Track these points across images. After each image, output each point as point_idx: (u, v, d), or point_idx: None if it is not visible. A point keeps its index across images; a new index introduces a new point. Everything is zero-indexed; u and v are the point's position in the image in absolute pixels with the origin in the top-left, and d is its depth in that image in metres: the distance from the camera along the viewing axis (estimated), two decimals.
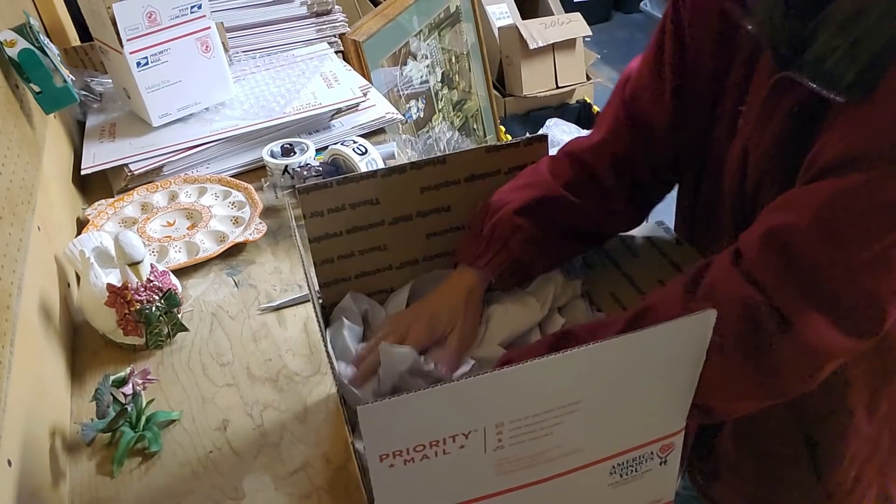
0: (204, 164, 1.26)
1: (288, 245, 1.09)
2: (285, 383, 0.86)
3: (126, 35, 1.20)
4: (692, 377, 0.56)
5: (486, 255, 0.78)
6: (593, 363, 0.52)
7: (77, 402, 0.86)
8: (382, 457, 0.51)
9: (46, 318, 0.86)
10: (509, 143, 0.81)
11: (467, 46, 2.39)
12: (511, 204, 0.77)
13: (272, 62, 1.49)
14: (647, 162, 0.80)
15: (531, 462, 0.56)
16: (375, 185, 0.78)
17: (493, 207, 0.79)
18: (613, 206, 0.80)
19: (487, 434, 0.53)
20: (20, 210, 0.88)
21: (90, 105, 1.39)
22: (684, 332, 0.53)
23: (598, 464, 0.59)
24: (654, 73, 0.77)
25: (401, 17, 2.00)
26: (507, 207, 0.77)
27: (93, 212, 1.14)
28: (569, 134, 2.92)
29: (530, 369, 0.50)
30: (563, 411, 0.54)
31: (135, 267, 0.87)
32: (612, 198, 0.80)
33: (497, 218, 0.77)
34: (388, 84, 1.98)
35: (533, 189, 0.78)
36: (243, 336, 0.93)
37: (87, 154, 1.24)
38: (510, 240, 0.77)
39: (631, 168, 0.80)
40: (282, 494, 0.73)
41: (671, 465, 0.62)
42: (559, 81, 3.02)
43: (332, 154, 1.12)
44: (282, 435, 0.79)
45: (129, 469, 0.77)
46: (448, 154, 0.80)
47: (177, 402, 0.84)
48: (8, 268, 0.78)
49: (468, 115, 2.45)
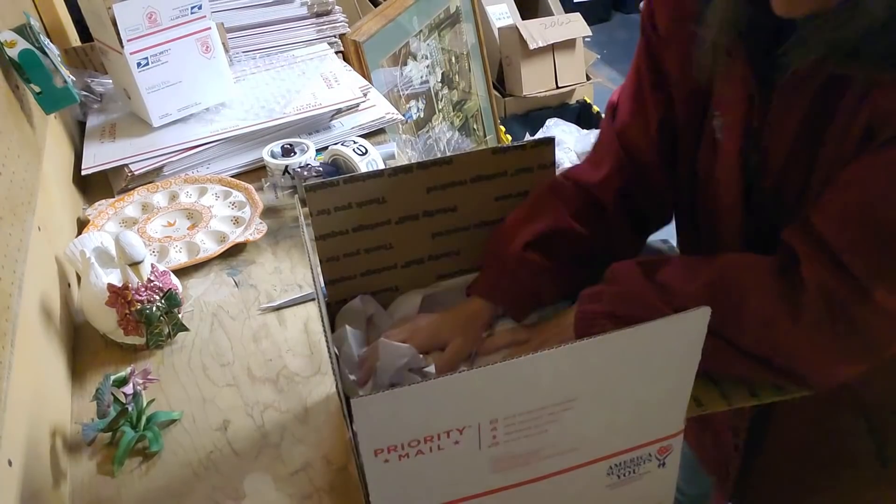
0: (204, 165, 1.27)
1: (288, 245, 1.09)
2: (286, 384, 0.86)
3: (126, 35, 1.20)
4: (689, 377, 0.57)
5: (497, 287, 0.80)
6: (587, 360, 0.53)
7: (78, 402, 0.86)
8: (377, 451, 0.51)
9: (47, 318, 0.87)
10: (516, 144, 0.82)
11: (467, 47, 2.39)
12: (521, 237, 0.79)
13: (272, 62, 1.49)
14: (648, 194, 0.82)
15: (526, 460, 0.56)
16: (382, 185, 0.79)
17: (504, 239, 0.80)
18: (619, 234, 0.82)
19: (482, 430, 0.53)
20: (20, 210, 0.88)
21: (90, 105, 1.40)
22: (679, 329, 0.53)
23: (594, 463, 0.59)
24: (637, 108, 0.80)
25: (401, 17, 2.01)
26: (518, 240, 0.79)
27: (93, 212, 1.14)
28: (569, 134, 2.92)
29: (524, 365, 0.50)
30: (559, 408, 0.54)
31: (135, 267, 0.87)
32: (618, 227, 0.82)
33: (507, 251, 0.79)
34: (388, 84, 1.98)
35: (543, 220, 0.80)
36: (244, 336, 0.93)
37: (88, 154, 1.24)
38: (520, 271, 0.78)
39: (634, 199, 0.82)
40: (282, 495, 0.73)
41: (670, 468, 0.62)
42: (559, 81, 3.02)
43: (332, 154, 1.13)
44: (282, 435, 0.79)
45: (129, 469, 0.77)
46: (454, 154, 0.81)
47: (177, 402, 0.84)
48: (8, 268, 0.78)
49: (468, 116, 2.45)
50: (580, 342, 0.51)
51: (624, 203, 0.81)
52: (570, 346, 0.51)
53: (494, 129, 2.57)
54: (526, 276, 0.79)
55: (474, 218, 0.84)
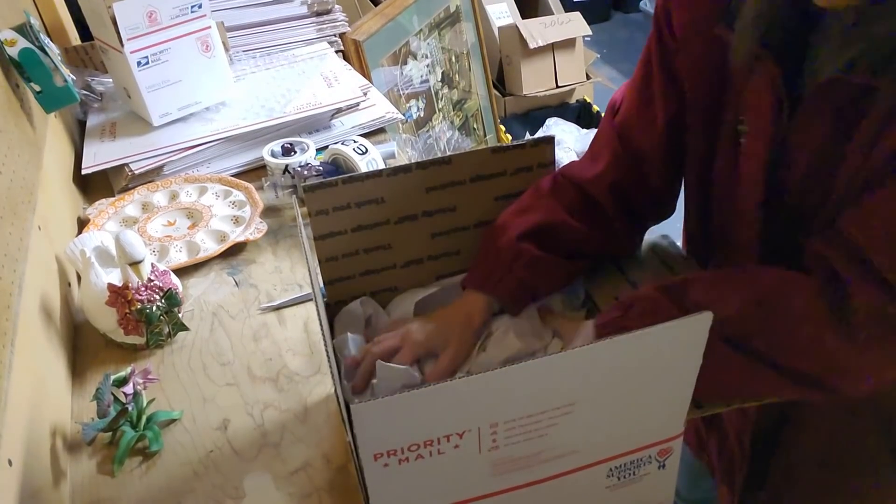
0: (204, 164, 1.27)
1: (288, 244, 1.09)
2: (286, 383, 0.86)
3: (126, 34, 1.20)
4: (689, 381, 0.57)
5: (491, 278, 0.79)
6: (587, 365, 0.53)
7: (78, 402, 0.86)
8: (377, 456, 0.51)
9: (47, 317, 0.87)
10: (515, 144, 0.81)
11: (467, 46, 2.39)
12: (514, 228, 0.78)
13: (272, 61, 1.49)
14: (645, 190, 0.82)
15: (527, 463, 0.57)
16: (381, 185, 0.78)
17: (498, 232, 0.80)
18: (614, 231, 0.82)
19: (482, 434, 0.53)
20: (20, 210, 0.88)
21: (91, 104, 1.39)
22: (679, 333, 0.53)
23: (594, 466, 0.59)
24: (643, 104, 0.79)
25: (401, 16, 2.01)
26: (511, 232, 0.78)
27: (93, 211, 1.14)
28: (569, 133, 2.92)
29: (524, 370, 0.50)
30: (558, 412, 0.54)
31: (135, 266, 0.87)
32: (613, 223, 0.82)
33: (501, 242, 0.78)
34: (388, 83, 1.98)
35: (536, 213, 0.79)
36: (244, 336, 0.93)
37: (88, 153, 1.24)
38: (514, 263, 0.78)
39: (630, 197, 0.82)
40: (282, 494, 0.73)
41: (670, 470, 0.63)
42: (559, 81, 3.02)
43: (332, 153, 1.13)
44: (282, 435, 0.80)
45: (129, 468, 0.77)
46: (454, 154, 0.80)
47: (177, 401, 0.84)
48: (8, 267, 0.78)
49: (468, 115, 2.45)
50: (580, 348, 0.51)
51: (618, 199, 0.81)
52: (570, 351, 0.51)
53: (494, 128, 2.57)
54: (520, 267, 0.77)
55: (474, 218, 0.84)
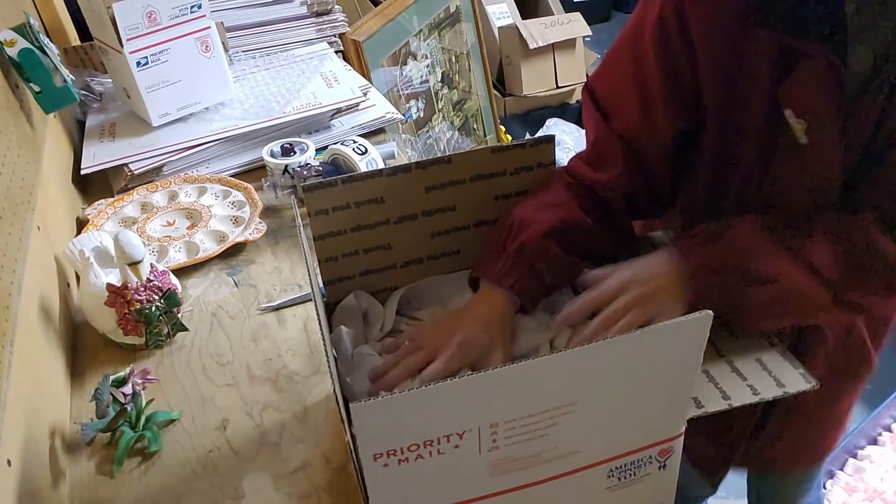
0: (204, 164, 1.26)
1: (288, 245, 1.09)
2: (285, 383, 0.86)
3: (126, 35, 1.20)
4: (689, 380, 0.57)
5: (512, 275, 0.76)
6: (587, 364, 0.52)
7: (77, 402, 0.86)
8: (376, 455, 0.51)
9: (46, 318, 0.87)
10: (515, 143, 0.81)
11: (467, 46, 2.39)
12: (538, 225, 0.77)
13: (272, 62, 1.49)
14: (650, 193, 0.83)
15: (527, 463, 0.56)
16: (381, 184, 0.78)
17: (518, 226, 0.78)
18: (619, 228, 0.83)
19: (482, 434, 0.53)
20: (20, 210, 0.88)
21: (90, 105, 1.39)
22: (680, 333, 0.53)
23: (595, 466, 0.59)
24: (642, 111, 0.78)
25: (401, 16, 2.01)
26: (535, 228, 0.76)
27: (92, 211, 1.14)
28: (569, 134, 2.92)
29: (524, 369, 0.50)
30: (559, 412, 0.54)
31: (134, 267, 0.87)
32: (618, 221, 0.82)
33: (524, 238, 0.76)
34: (388, 84, 1.98)
35: (557, 210, 0.78)
36: (243, 336, 0.93)
37: (87, 154, 1.24)
38: (538, 262, 0.76)
39: (638, 202, 0.83)
40: (281, 494, 0.73)
41: (671, 470, 0.62)
42: (559, 81, 3.02)
43: (332, 154, 1.13)
44: (281, 434, 0.79)
45: (128, 469, 0.77)
46: (453, 154, 0.80)
47: (176, 401, 0.84)
48: (8, 268, 0.78)
49: (468, 115, 2.45)
50: (581, 348, 0.50)
51: (630, 204, 0.82)
52: (570, 351, 0.50)
53: (494, 128, 2.57)
54: (545, 266, 0.76)
55: (473, 217, 0.84)
